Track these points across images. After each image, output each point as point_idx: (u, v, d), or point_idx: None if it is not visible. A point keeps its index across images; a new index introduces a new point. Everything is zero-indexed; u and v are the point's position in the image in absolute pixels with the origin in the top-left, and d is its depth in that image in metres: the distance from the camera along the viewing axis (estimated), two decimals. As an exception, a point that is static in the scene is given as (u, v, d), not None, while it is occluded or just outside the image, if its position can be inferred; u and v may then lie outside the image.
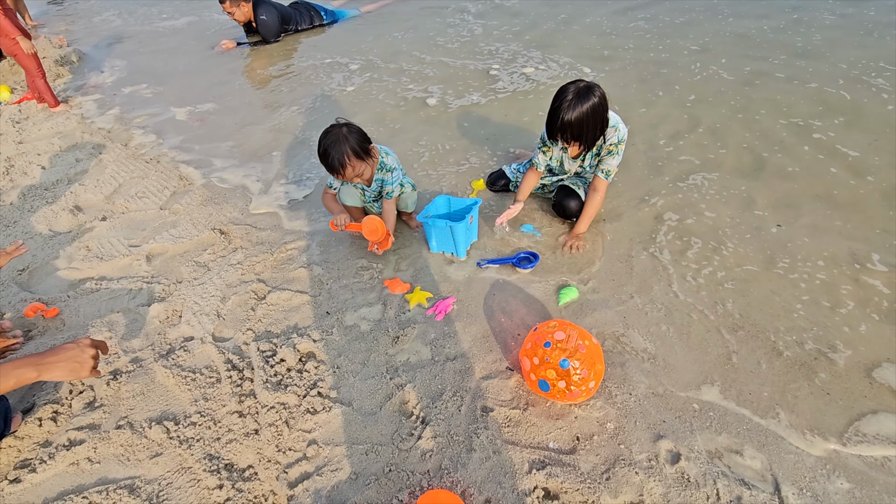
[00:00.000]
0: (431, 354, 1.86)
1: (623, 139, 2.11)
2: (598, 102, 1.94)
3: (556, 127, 1.98)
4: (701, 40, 4.07)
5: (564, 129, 1.97)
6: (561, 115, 1.94)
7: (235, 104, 3.94)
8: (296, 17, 5.27)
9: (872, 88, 3.16)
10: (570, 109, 1.92)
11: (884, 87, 3.15)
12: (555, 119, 1.97)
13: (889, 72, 3.33)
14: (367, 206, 2.47)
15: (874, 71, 3.36)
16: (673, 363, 1.75)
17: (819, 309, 1.88)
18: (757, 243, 2.19)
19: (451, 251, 2.29)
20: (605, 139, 2.11)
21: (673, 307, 1.95)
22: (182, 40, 5.48)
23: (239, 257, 2.38)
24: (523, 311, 2.00)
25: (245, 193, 2.87)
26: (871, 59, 3.50)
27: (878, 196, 2.35)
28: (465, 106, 3.50)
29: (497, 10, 5.27)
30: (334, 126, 2.09)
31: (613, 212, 2.46)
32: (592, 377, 1.55)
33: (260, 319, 2.06)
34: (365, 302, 2.10)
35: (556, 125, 1.98)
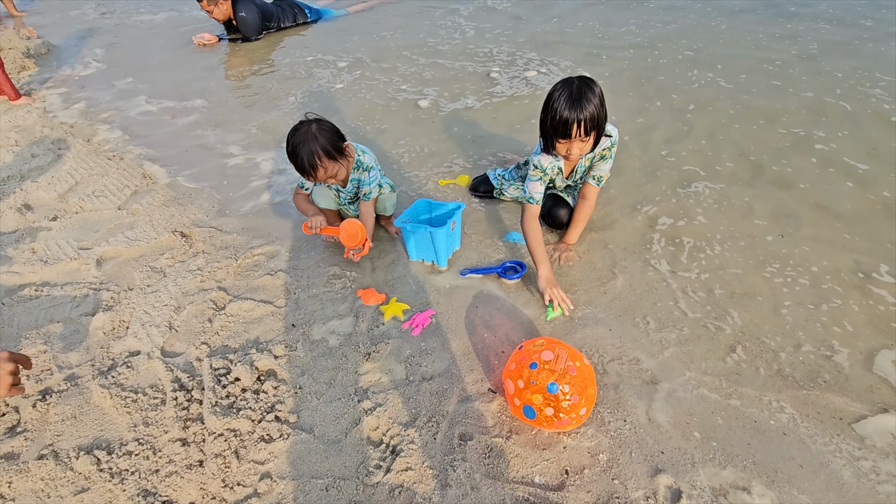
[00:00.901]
0: (406, 374, 1.67)
1: (615, 142, 1.97)
2: (600, 90, 1.73)
3: (571, 120, 1.68)
4: (694, 46, 3.98)
5: (580, 122, 1.68)
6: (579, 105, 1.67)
7: (211, 100, 3.73)
8: (278, 14, 5.09)
9: (872, 99, 3.07)
10: (584, 97, 1.67)
11: (883, 98, 3.07)
12: (570, 110, 1.68)
13: (885, 82, 3.25)
14: (342, 208, 2.29)
15: (869, 81, 3.28)
16: (672, 387, 1.59)
17: (827, 325, 1.74)
18: (757, 254, 2.05)
19: (432, 259, 2.11)
20: (601, 146, 1.95)
21: (671, 322, 1.79)
22: (159, 35, 5.27)
23: (199, 263, 2.18)
24: (508, 326, 1.83)
25: (212, 194, 2.66)
26: (867, 69, 3.43)
27: (880, 207, 2.24)
28: (458, 109, 3.34)
29: (488, 13, 5.15)
30: (303, 123, 1.91)
31: (605, 219, 2.31)
32: (583, 403, 1.37)
33: (217, 332, 1.85)
34: (335, 314, 1.91)
35: (571, 118, 1.68)
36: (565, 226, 2.18)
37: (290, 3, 5.22)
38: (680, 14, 4.67)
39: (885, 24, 4.09)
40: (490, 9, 5.27)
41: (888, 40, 3.83)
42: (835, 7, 4.55)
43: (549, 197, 2.24)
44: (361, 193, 2.13)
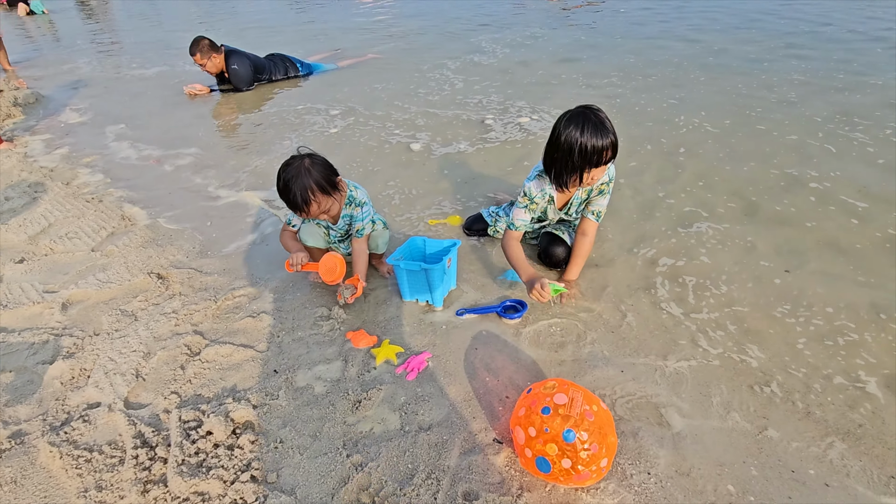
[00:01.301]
0: (401, 423, 1.50)
1: (613, 177, 1.95)
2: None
3: (604, 146, 1.67)
4: (677, 95, 4.12)
5: (612, 146, 1.69)
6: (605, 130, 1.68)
7: (199, 145, 3.68)
8: (270, 67, 5.20)
9: (854, 142, 3.15)
10: (604, 123, 1.69)
11: (865, 140, 3.15)
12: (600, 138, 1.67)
13: (862, 126, 3.35)
14: (332, 247, 2.17)
15: (848, 125, 3.39)
16: (696, 432, 1.44)
17: (854, 364, 1.63)
18: (765, 291, 1.96)
19: (427, 299, 1.99)
20: (600, 181, 1.92)
21: (686, 362, 1.66)
22: (149, 87, 5.31)
23: (175, 305, 2.02)
24: (511, 369, 1.68)
25: (194, 235, 2.54)
26: (844, 114, 3.55)
27: (889, 245, 2.19)
28: (450, 153, 3.33)
29: (475, 67, 5.33)
30: (295, 157, 1.84)
31: (604, 257, 2.23)
32: (604, 452, 1.21)
33: (190, 380, 1.67)
34: (322, 358, 1.75)
35: (604, 144, 1.67)
36: (563, 263, 2.09)
37: (282, 57, 5.35)
38: (658, 68, 4.88)
39: (856, 75, 4.31)
40: (477, 63, 5.47)
41: (862, 89, 4.01)
42: (805, 62, 4.81)
43: (544, 235, 2.16)
44: (354, 230, 2.03)
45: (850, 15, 6.88)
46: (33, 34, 8.83)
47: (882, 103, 3.72)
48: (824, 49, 5.26)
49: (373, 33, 7.44)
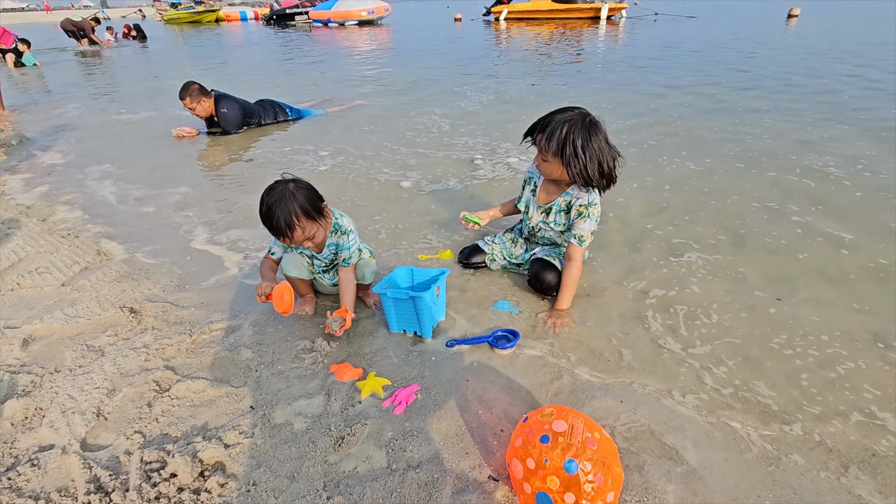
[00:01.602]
0: (387, 461, 1.38)
1: (593, 202, 1.95)
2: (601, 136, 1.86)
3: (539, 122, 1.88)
4: (656, 138, 4.26)
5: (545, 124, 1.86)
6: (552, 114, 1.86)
7: (185, 183, 3.64)
8: (259, 112, 5.28)
9: (830, 177, 3.25)
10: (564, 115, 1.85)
11: (840, 175, 3.25)
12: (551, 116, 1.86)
13: (834, 162, 3.47)
14: (316, 277, 2.09)
15: (821, 161, 3.51)
16: (705, 464, 1.34)
17: (860, 394, 1.57)
18: (759, 319, 1.92)
19: (415, 330, 1.90)
20: (578, 199, 1.96)
21: (690, 392, 1.59)
22: (136, 130, 5.33)
23: (146, 339, 1.89)
24: (506, 401, 1.58)
25: (172, 269, 2.44)
26: (817, 152, 3.69)
27: (883, 275, 2.20)
28: (438, 190, 3.34)
29: (461, 112, 5.49)
30: (279, 182, 1.80)
31: (596, 286, 2.18)
32: (610, 485, 1.11)
33: (157, 418, 1.53)
34: (303, 392, 1.63)
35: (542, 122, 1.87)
36: (554, 289, 2.04)
37: (272, 103, 5.45)
38: (636, 117, 5.08)
39: (824, 114, 4.52)
40: (463, 109, 5.64)
41: (828, 126, 4.20)
42: (776, 107, 5.06)
43: (534, 262, 2.13)
44: (340, 259, 1.97)
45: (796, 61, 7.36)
46: (23, 84, 8.93)
47: (852, 140, 3.89)
48: (786, 95, 5.57)
49: (360, 84, 7.70)
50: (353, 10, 24.08)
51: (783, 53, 9.20)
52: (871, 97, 5.38)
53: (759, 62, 8.19)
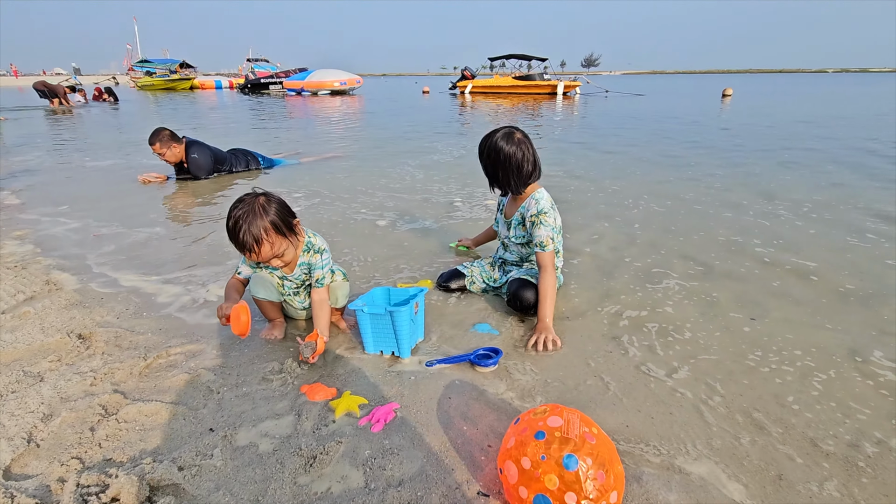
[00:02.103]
0: (365, 480, 1.24)
1: (543, 210, 2.06)
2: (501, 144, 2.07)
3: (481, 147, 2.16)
4: (619, 184, 4.48)
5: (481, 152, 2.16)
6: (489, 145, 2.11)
7: (148, 222, 3.51)
8: (231, 159, 5.27)
9: (780, 217, 3.45)
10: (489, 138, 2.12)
11: (789, 217, 3.46)
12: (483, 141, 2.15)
13: (784, 206, 3.72)
14: (286, 300, 1.99)
15: (771, 205, 3.75)
16: (704, 474, 1.27)
17: (845, 402, 1.56)
18: (736, 338, 1.93)
19: (392, 350, 1.80)
20: (529, 211, 2.09)
21: (674, 403, 1.54)
22: (100, 175, 5.19)
23: (94, 364, 1.71)
24: (491, 417, 1.48)
25: (129, 297, 2.27)
26: (767, 196, 3.95)
27: (841, 297, 2.29)
28: (415, 228, 3.33)
29: (435, 164, 5.65)
30: (249, 194, 1.74)
31: (575, 310, 2.17)
32: (613, 483, 1.03)
33: (99, 443, 1.34)
34: (270, 413, 1.48)
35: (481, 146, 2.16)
36: (532, 308, 2.00)
37: (244, 152, 5.47)
38: (596, 165, 5.37)
39: (772, 161, 4.89)
40: (436, 161, 5.82)
41: (779, 174, 4.53)
42: (720, 158, 5.46)
43: (513, 281, 2.11)
44: (313, 279, 1.88)
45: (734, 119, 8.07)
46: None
47: (796, 187, 4.19)
48: (733, 153, 6.04)
49: (334, 140, 7.89)
50: (326, 81, 25.26)
51: (724, 121, 10.12)
52: (805, 154, 5.90)
53: (703, 128, 8.95)
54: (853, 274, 2.50)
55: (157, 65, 33.57)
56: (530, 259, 2.23)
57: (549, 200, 2.11)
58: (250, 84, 28.79)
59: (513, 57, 25.00)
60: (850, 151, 6.23)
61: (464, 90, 24.07)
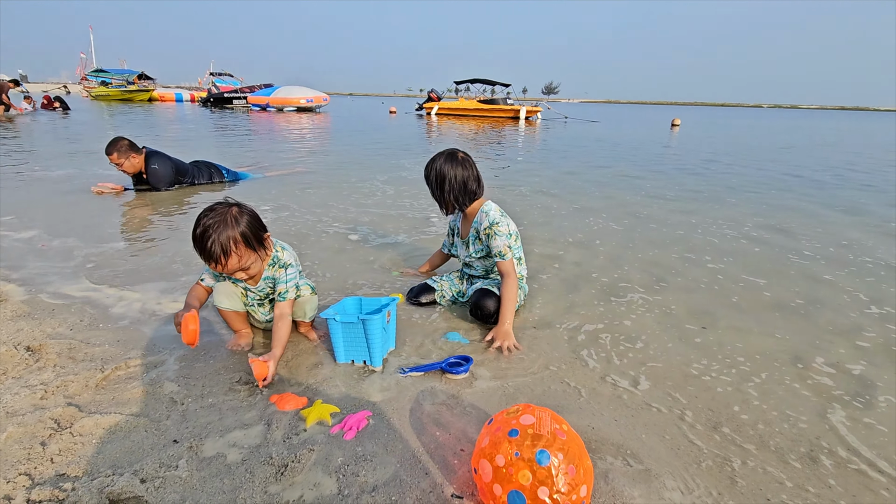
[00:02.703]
0: (338, 486, 1.23)
1: (495, 221, 2.13)
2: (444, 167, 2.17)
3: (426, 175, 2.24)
4: (579, 203, 4.66)
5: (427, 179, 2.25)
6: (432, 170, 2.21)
7: (103, 233, 3.36)
8: (193, 171, 5.13)
9: (727, 235, 3.69)
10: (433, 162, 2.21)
11: (736, 236, 3.70)
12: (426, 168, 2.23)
13: (728, 227, 3.97)
14: (250, 310, 1.95)
15: (727, 226, 4.00)
16: (666, 469, 1.33)
17: (794, 401, 1.68)
18: (686, 346, 2.04)
19: (364, 360, 1.80)
20: (481, 225, 2.17)
21: (636, 406, 1.61)
22: (51, 185, 4.94)
23: (45, 377, 1.62)
24: (462, 423, 1.50)
25: (84, 309, 2.17)
26: (712, 217, 4.21)
27: (776, 306, 2.46)
28: (387, 243, 3.34)
29: (404, 180, 5.70)
30: (222, 204, 1.72)
31: (542, 321, 2.23)
32: (583, 477, 1.07)
33: (51, 458, 1.27)
34: (238, 423, 1.45)
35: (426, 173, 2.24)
36: (493, 315, 2.05)
37: (207, 164, 5.34)
38: (557, 184, 5.57)
39: (724, 182, 5.21)
40: (405, 178, 5.87)
41: (721, 199, 4.83)
42: (670, 180, 5.78)
43: (475, 292, 2.16)
44: (276, 293, 1.86)
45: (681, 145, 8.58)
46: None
47: (738, 208, 4.49)
48: (676, 170, 6.41)
49: (300, 155, 7.82)
50: (292, 98, 25.06)
51: (673, 148, 10.74)
52: (751, 180, 6.34)
53: (654, 153, 9.46)
54: (796, 287, 2.70)
55: (114, 75, 32.30)
56: (495, 270, 2.29)
57: (498, 210, 2.19)
58: (213, 98, 28.17)
59: (478, 81, 25.68)
60: (787, 175, 6.75)
61: (430, 111, 24.45)
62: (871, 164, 8.78)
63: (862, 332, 2.18)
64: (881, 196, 5.60)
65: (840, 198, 5.41)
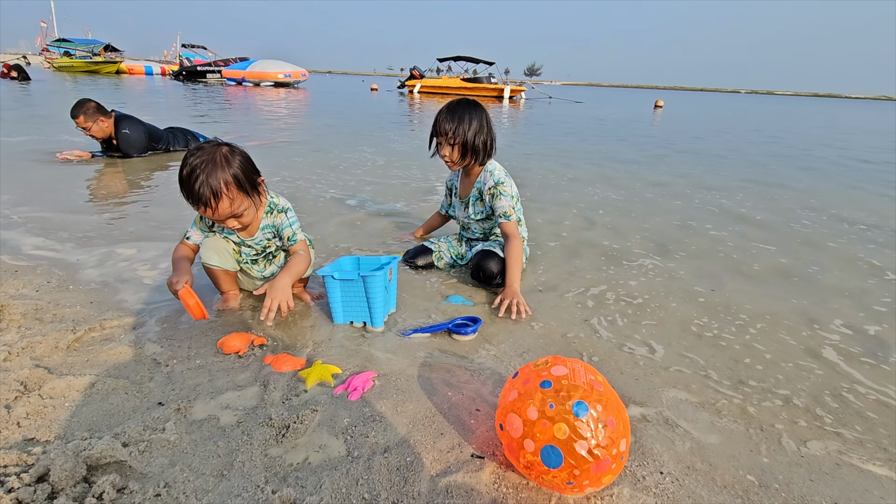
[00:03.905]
0: (347, 448, 1.11)
1: (500, 181, 2.04)
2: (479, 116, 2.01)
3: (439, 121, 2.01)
4: (573, 174, 4.57)
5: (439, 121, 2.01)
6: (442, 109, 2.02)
7: (68, 199, 3.10)
8: (168, 137, 4.83)
9: (724, 203, 3.65)
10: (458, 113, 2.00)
11: (731, 206, 3.67)
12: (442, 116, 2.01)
13: (723, 196, 3.94)
14: (244, 268, 1.80)
15: (710, 196, 3.96)
16: (693, 428, 1.26)
17: (813, 354, 1.63)
18: (700, 306, 1.98)
19: (364, 320, 1.67)
20: (485, 184, 2.05)
21: (655, 367, 1.53)
22: (10, 150, 4.59)
23: (8, 338, 1.45)
24: (476, 382, 1.40)
25: (51, 270, 1.97)
26: (705, 188, 4.17)
27: (778, 270, 2.42)
28: (386, 210, 3.18)
29: (393, 152, 5.51)
30: (210, 142, 1.54)
31: (547, 284, 2.14)
32: (622, 430, 0.97)
33: (17, 422, 1.12)
34: (231, 385, 1.31)
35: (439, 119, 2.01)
36: (495, 277, 1.95)
37: (183, 131, 5.04)
38: (549, 157, 5.47)
39: (706, 158, 5.19)
40: (393, 149, 5.67)
41: (714, 168, 4.80)
42: (658, 155, 5.73)
43: (476, 254, 2.05)
44: (284, 238, 1.71)
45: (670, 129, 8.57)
46: None
47: (728, 182, 4.47)
48: (678, 152, 6.38)
49: (281, 127, 7.52)
50: (269, 72, 24.23)
51: (657, 127, 10.74)
52: (734, 153, 6.36)
53: (639, 131, 9.44)
54: (799, 253, 2.67)
55: (78, 45, 30.58)
56: (494, 232, 2.18)
57: (503, 170, 2.09)
58: (185, 71, 26.98)
59: (461, 59, 25.21)
60: (768, 151, 6.79)
61: (412, 89, 23.97)
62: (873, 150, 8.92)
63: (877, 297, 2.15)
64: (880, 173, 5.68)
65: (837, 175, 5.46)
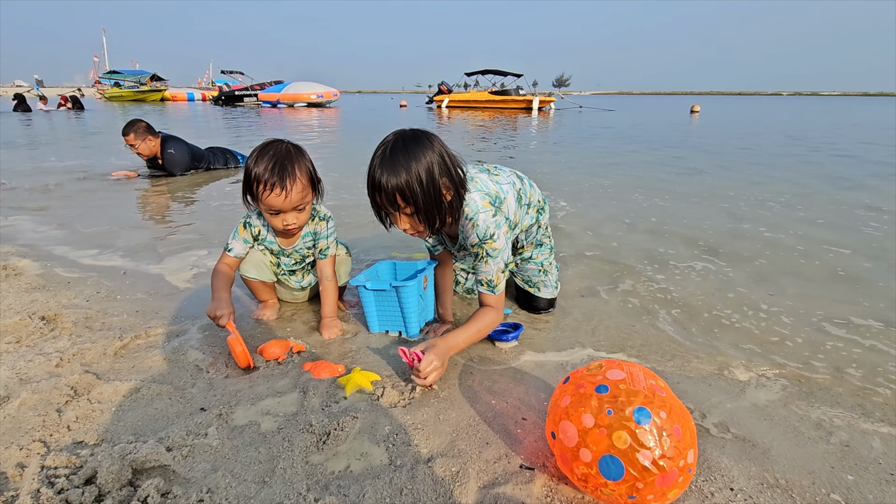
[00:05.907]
0: (389, 456, 1.07)
1: (487, 234, 1.37)
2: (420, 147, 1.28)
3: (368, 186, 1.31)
4: (609, 182, 4.45)
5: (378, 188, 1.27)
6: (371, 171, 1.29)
7: (117, 215, 3.24)
8: (209, 157, 5.03)
9: (775, 208, 3.46)
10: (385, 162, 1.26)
11: (780, 209, 3.48)
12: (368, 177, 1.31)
13: (772, 199, 3.74)
14: (282, 279, 1.80)
15: (759, 196, 3.77)
16: (762, 440, 1.15)
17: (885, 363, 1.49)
18: (760, 312, 1.85)
19: (399, 329, 1.64)
20: (467, 238, 1.42)
21: (721, 370, 1.43)
22: (64, 174, 4.85)
23: (61, 345, 1.49)
24: (520, 390, 1.33)
25: (100, 281, 2.04)
26: (753, 190, 3.97)
27: (835, 273, 2.25)
28: None
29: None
30: (276, 140, 1.55)
31: (587, 290, 2.05)
32: (689, 440, 0.89)
33: (68, 425, 1.13)
34: (270, 391, 1.29)
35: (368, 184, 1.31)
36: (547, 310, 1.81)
37: (223, 150, 5.24)
38: (584, 164, 5.36)
39: (751, 161, 4.96)
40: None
41: (762, 171, 4.58)
42: (701, 160, 5.52)
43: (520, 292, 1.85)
44: (317, 250, 1.71)
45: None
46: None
47: (782, 178, 4.25)
48: (712, 156, 6.14)
49: (314, 145, 7.70)
50: (302, 93, 25.06)
51: (696, 132, 10.42)
52: (780, 157, 6.07)
53: (678, 136, 9.17)
54: (846, 255, 2.48)
55: (127, 76, 32.61)
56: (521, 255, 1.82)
57: (488, 209, 1.38)
58: (224, 96, 28.28)
59: (489, 72, 25.39)
60: (817, 154, 6.45)
61: (440, 104, 24.25)
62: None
63: (948, 298, 1.97)
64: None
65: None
